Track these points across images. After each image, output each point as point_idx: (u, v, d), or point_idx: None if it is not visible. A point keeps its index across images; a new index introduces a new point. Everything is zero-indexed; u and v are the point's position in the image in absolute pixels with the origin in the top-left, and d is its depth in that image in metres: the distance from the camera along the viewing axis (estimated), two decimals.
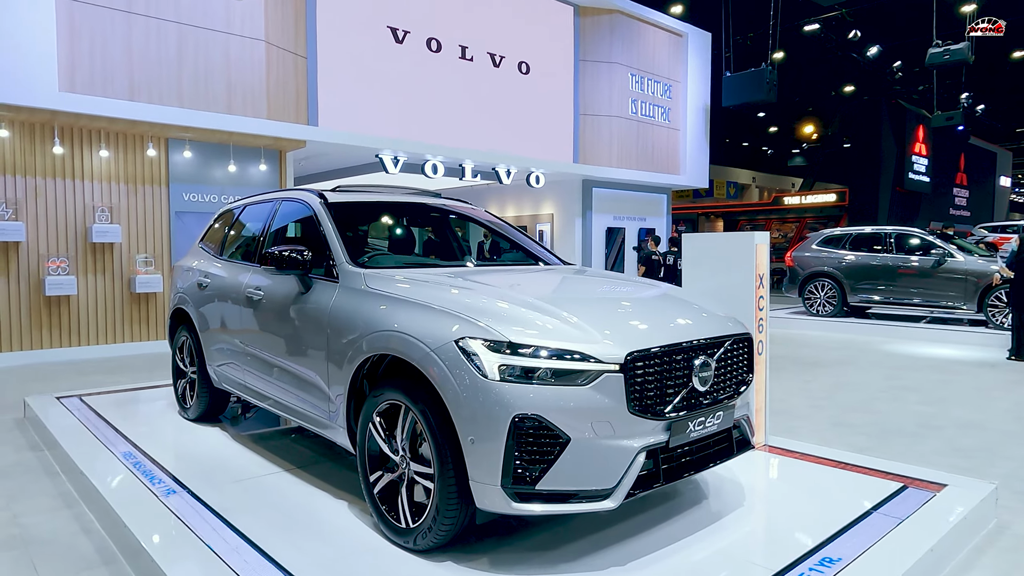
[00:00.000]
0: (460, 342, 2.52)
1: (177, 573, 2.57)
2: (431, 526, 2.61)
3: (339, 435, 3.19)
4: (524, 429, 2.39)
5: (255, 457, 4.05)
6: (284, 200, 4.23)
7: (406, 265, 3.67)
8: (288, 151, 10.29)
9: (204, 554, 2.72)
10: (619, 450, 2.46)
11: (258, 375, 3.87)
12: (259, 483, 3.58)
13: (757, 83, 15.17)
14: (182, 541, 2.87)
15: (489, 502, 2.45)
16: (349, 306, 3.11)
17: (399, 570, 2.62)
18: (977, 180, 30.62)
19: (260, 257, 4.06)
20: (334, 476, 3.68)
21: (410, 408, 2.69)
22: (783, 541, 2.86)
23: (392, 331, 2.77)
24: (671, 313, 2.99)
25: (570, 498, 2.44)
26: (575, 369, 2.44)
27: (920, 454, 4.55)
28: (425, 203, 4.34)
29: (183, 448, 4.26)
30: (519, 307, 2.72)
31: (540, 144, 13.50)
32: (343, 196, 3.98)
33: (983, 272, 10.40)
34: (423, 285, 3.03)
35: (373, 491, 2.94)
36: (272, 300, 3.72)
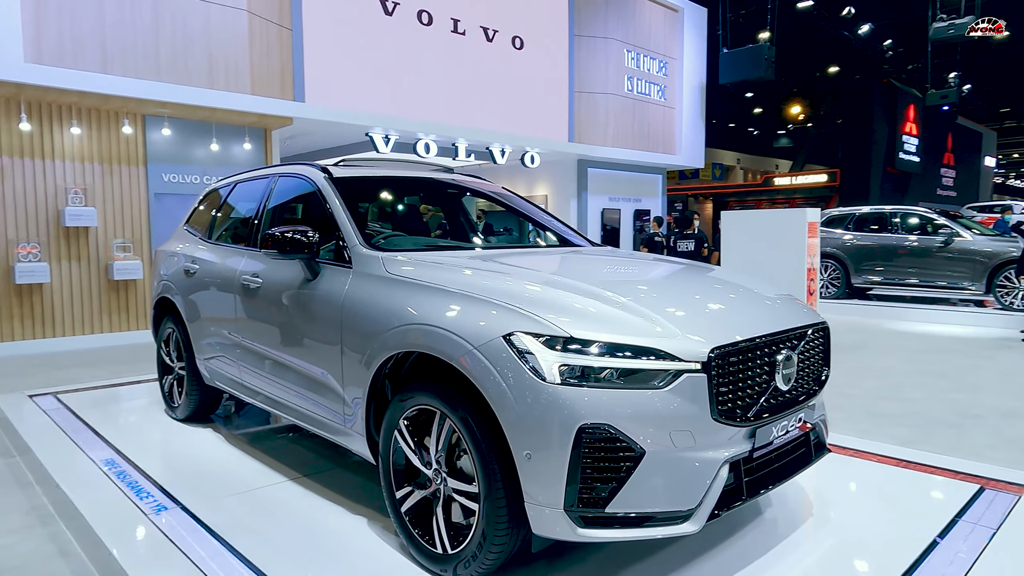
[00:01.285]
0: (510, 338, 2.12)
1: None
2: (476, 554, 2.22)
3: (356, 443, 2.78)
4: (591, 441, 2.00)
5: (254, 464, 3.63)
6: (281, 176, 3.77)
7: (425, 248, 3.24)
8: (273, 129, 9.73)
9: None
10: (701, 463, 2.08)
11: (257, 372, 3.44)
12: (261, 496, 3.16)
13: (755, 60, 14.80)
14: (175, 569, 2.45)
15: (548, 527, 2.07)
16: (367, 295, 2.69)
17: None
18: (963, 160, 30.63)
19: (259, 240, 3.61)
20: (347, 486, 3.27)
21: (447, 415, 2.29)
22: (875, 560, 2.51)
23: (423, 324, 2.36)
24: (743, 300, 2.61)
25: (644, 522, 2.06)
26: (651, 369, 2.05)
27: (971, 447, 4.24)
28: (440, 179, 3.91)
29: (172, 454, 3.83)
30: (575, 295, 2.31)
31: (534, 122, 13.02)
32: (349, 171, 3.53)
33: (992, 252, 10.18)
34: (454, 270, 2.62)
35: (400, 509, 2.54)
36: (272, 288, 3.28)
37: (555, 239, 3.90)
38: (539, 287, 2.39)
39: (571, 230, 3.95)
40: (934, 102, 19.71)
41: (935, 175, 27.85)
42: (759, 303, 2.60)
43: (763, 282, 2.95)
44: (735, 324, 2.30)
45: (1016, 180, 53.52)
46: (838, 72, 26.37)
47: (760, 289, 2.80)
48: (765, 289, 2.82)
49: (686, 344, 2.09)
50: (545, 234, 4.01)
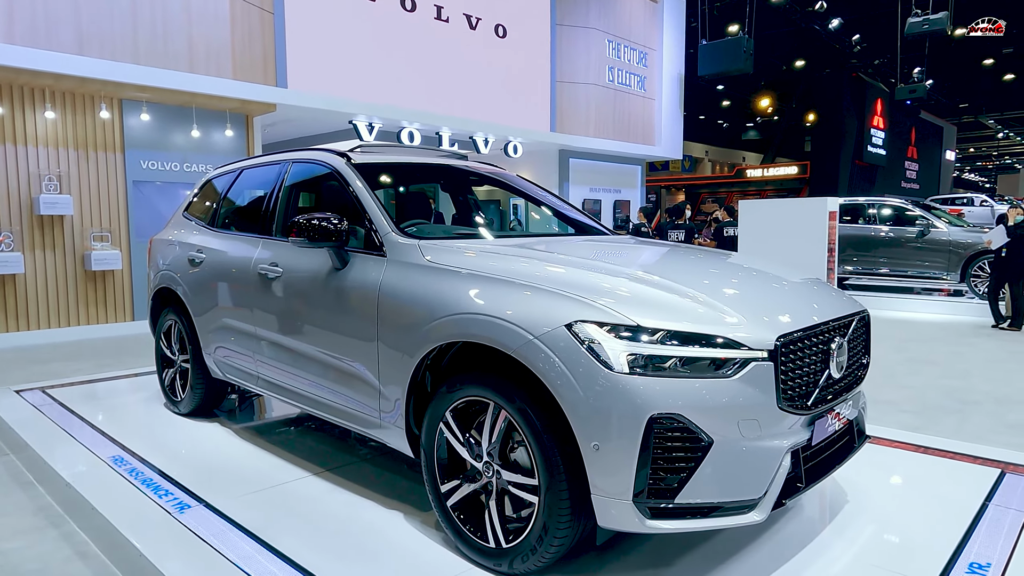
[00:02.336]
0: (574, 327, 2.07)
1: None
2: (535, 547, 2.18)
3: (393, 436, 2.71)
4: (661, 432, 1.97)
5: (271, 458, 3.52)
6: (295, 162, 3.65)
7: (457, 236, 3.16)
8: (256, 115, 9.48)
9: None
10: (766, 452, 2.07)
11: (277, 365, 3.33)
12: (287, 492, 3.07)
13: (734, 52, 14.90)
14: (216, 570, 2.36)
15: (616, 519, 2.03)
16: (407, 284, 2.61)
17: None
18: (926, 154, 31.47)
19: (276, 227, 3.49)
20: (374, 480, 3.20)
21: (502, 407, 2.24)
22: (917, 545, 2.54)
23: (475, 314, 2.29)
24: (790, 288, 2.60)
25: (712, 512, 2.04)
26: (720, 358, 2.02)
27: (975, 433, 4.34)
28: (462, 166, 3.83)
29: (183, 450, 3.69)
30: (634, 283, 2.28)
31: (517, 112, 12.94)
32: (370, 156, 3.44)
33: (967, 243, 10.47)
34: (504, 258, 2.56)
35: (446, 504, 2.48)
36: (295, 278, 3.18)
37: (576, 227, 3.85)
38: (596, 274, 2.35)
39: (591, 218, 3.91)
40: (903, 96, 20.17)
41: (900, 168, 28.56)
42: (805, 291, 2.59)
43: (791, 268, 2.95)
44: (793, 312, 2.29)
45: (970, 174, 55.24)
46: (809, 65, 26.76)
47: (795, 276, 2.80)
48: (797, 275, 2.81)
49: (753, 332, 2.07)
50: (566, 222, 3.96)
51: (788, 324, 2.18)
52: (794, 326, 2.18)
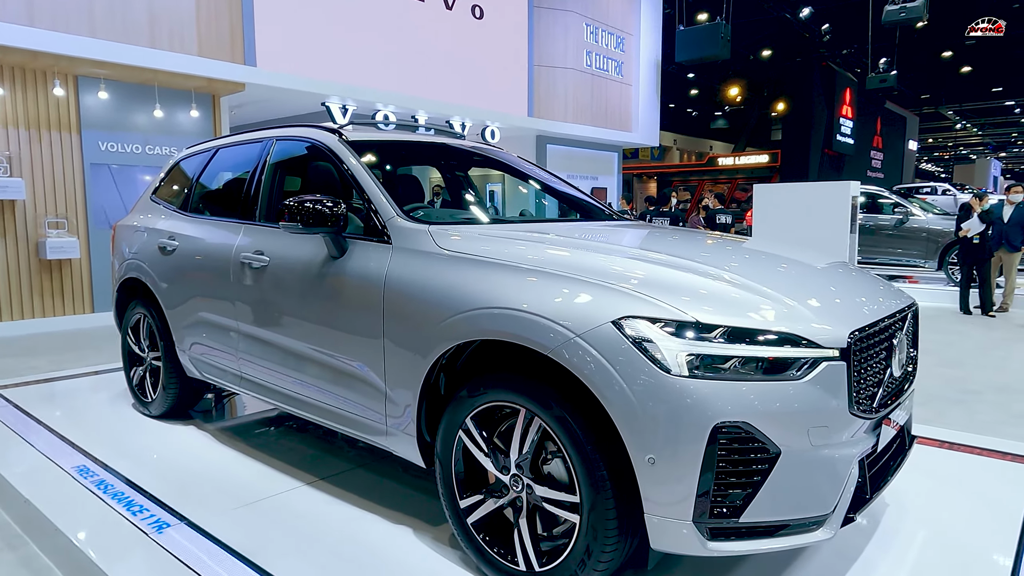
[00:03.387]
0: (622, 323, 1.82)
1: None
2: (576, 572, 1.93)
3: (402, 445, 2.43)
4: (727, 442, 1.74)
5: (257, 466, 3.20)
6: (280, 140, 3.31)
7: (466, 221, 2.87)
8: (223, 95, 8.97)
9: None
10: (836, 462, 1.85)
11: (263, 365, 3.01)
12: (278, 506, 2.76)
13: (711, 38, 14.76)
14: None
15: (672, 541, 1.79)
16: (418, 275, 2.32)
17: None
18: (890, 143, 31.99)
19: (260, 212, 3.16)
20: (374, 491, 2.91)
21: (536, 414, 1.98)
22: (975, 552, 2.36)
23: (504, 309, 2.02)
24: (845, 279, 2.38)
25: (778, 531, 1.82)
26: (789, 357, 1.79)
27: (985, 424, 4.24)
28: (465, 146, 3.53)
29: (157, 458, 3.35)
30: (685, 273, 2.03)
31: (494, 96, 12.60)
32: (364, 134, 3.12)
33: (943, 231, 10.53)
34: (528, 245, 2.28)
35: (465, 520, 2.22)
36: (284, 267, 2.86)
37: (582, 211, 3.59)
38: (638, 263, 2.09)
39: (598, 202, 3.66)
40: (874, 85, 20.33)
41: (866, 157, 28.96)
42: (860, 281, 2.38)
43: (817, 253, 2.74)
44: (855, 305, 2.08)
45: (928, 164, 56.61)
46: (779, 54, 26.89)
47: (825, 262, 2.58)
48: (822, 260, 2.59)
49: (822, 328, 1.85)
50: (571, 206, 3.70)
51: (858, 319, 1.96)
52: (864, 320, 1.96)
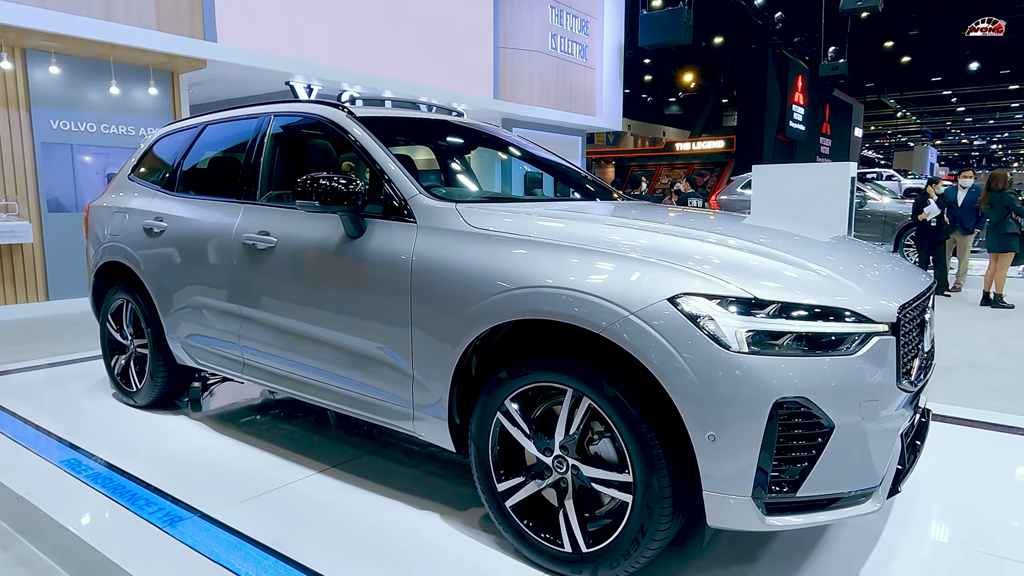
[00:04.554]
0: (679, 300, 1.80)
1: None
2: (628, 551, 1.92)
3: (431, 429, 2.37)
4: (786, 418, 1.75)
5: (260, 454, 3.09)
6: (278, 116, 3.16)
7: (486, 199, 2.81)
8: (182, 72, 8.57)
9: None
10: (884, 435, 1.88)
11: (271, 351, 2.89)
12: (294, 495, 2.67)
13: (674, 23, 14.85)
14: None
15: (730, 517, 1.80)
16: (449, 255, 2.25)
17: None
18: (838, 130, 32.96)
19: (269, 190, 3.02)
20: (394, 476, 2.84)
21: (584, 394, 1.95)
22: (991, 521, 2.45)
23: (551, 288, 1.97)
24: (875, 256, 2.41)
25: (830, 504, 1.84)
26: (844, 332, 1.80)
27: (964, 397, 4.41)
28: (472, 126, 3.45)
29: (151, 449, 3.19)
30: (734, 250, 2.02)
31: (460, 77, 12.41)
32: (373, 111, 3.01)
33: (900, 214, 10.92)
34: (567, 222, 2.24)
35: (504, 504, 2.18)
36: (295, 249, 2.74)
37: (587, 193, 3.55)
38: (686, 240, 2.07)
39: (603, 184, 3.63)
40: (826, 73, 20.88)
41: (816, 143, 29.75)
42: (887, 258, 2.42)
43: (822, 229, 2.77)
44: (896, 281, 2.11)
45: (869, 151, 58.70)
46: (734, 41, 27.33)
47: (863, 245, 2.62)
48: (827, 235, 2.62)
49: (875, 303, 1.86)
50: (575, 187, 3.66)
51: (903, 294, 1.99)
52: (908, 295, 2.00)
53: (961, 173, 9.38)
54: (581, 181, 3.57)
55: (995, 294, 7.79)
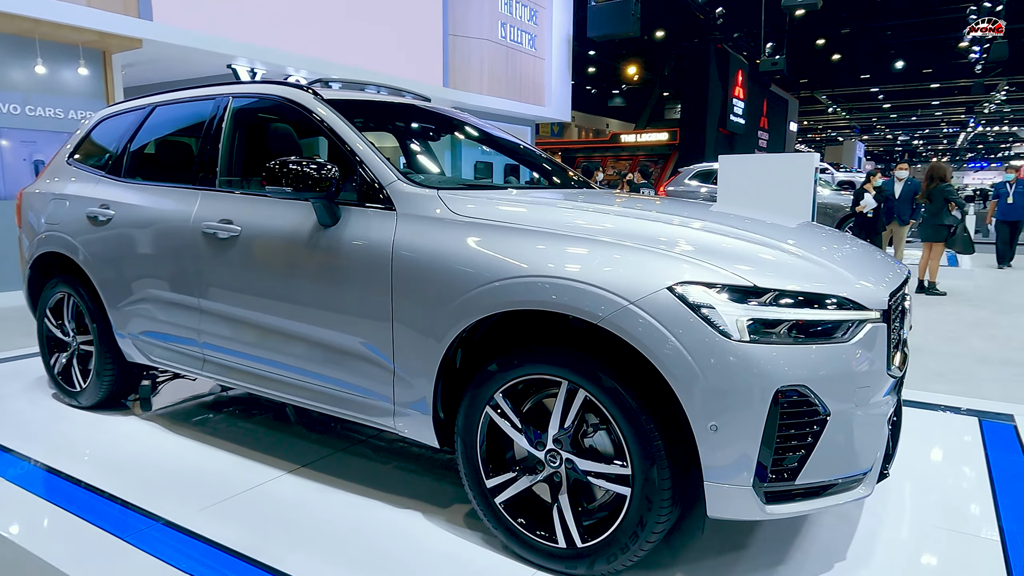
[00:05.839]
0: (678, 289, 1.77)
1: None
2: (627, 544, 1.89)
3: (414, 425, 2.28)
4: (787, 407, 1.74)
5: (223, 455, 2.93)
6: (236, 98, 2.98)
7: (466, 186, 2.71)
8: (115, 52, 8.07)
9: None
10: (874, 421, 1.90)
11: (236, 346, 2.73)
12: (264, 497, 2.54)
13: (622, 15, 14.95)
14: None
15: (731, 508, 1.79)
16: (434, 244, 2.16)
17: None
18: (775, 124, 34.04)
19: (230, 175, 2.85)
20: (368, 475, 2.73)
21: (580, 386, 1.90)
22: (958, 500, 2.54)
23: (545, 277, 1.91)
24: (852, 243, 2.44)
25: (825, 491, 1.86)
26: (840, 320, 1.81)
27: (916, 380, 4.57)
28: (446, 112, 3.35)
29: (101, 453, 2.98)
30: (729, 239, 2.00)
31: (409, 64, 12.17)
32: (339, 94, 2.88)
33: (838, 205, 11.33)
34: (557, 210, 2.18)
35: (493, 500, 2.12)
36: (262, 239, 2.59)
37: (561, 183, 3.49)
38: (681, 228, 2.04)
39: (574, 173, 3.58)
40: (767, 68, 21.47)
41: (754, 137, 30.65)
42: (863, 246, 2.46)
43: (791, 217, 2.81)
44: (882, 269, 2.14)
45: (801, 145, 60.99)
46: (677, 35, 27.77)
47: (805, 224, 2.65)
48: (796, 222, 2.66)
49: (866, 291, 1.88)
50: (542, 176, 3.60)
51: (891, 281, 2.02)
52: (895, 283, 2.03)
53: (897, 166, 9.79)
54: (555, 171, 3.52)
55: (929, 282, 8.16)
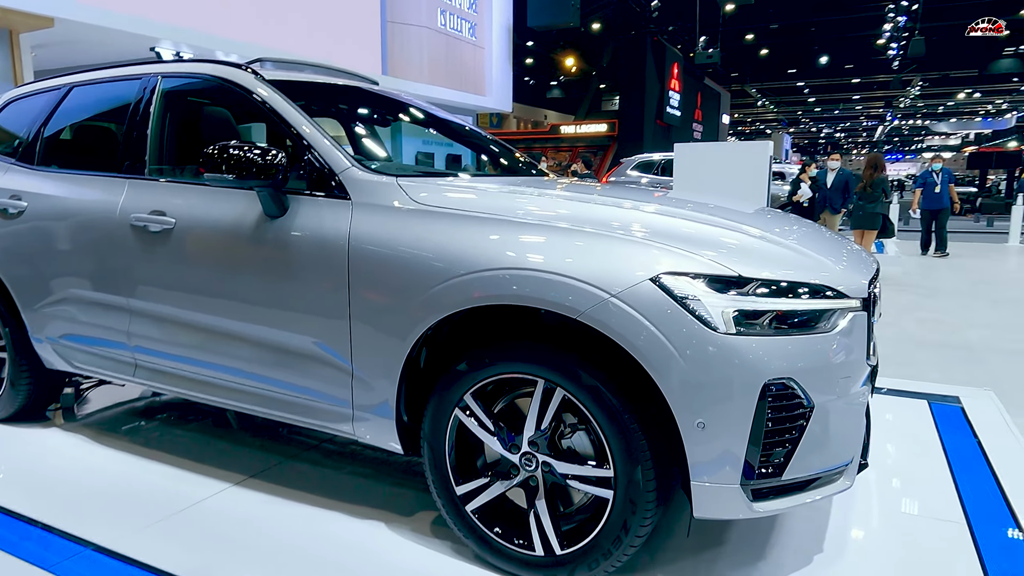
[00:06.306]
0: (662, 280, 1.68)
1: None
2: (610, 549, 1.80)
3: (376, 431, 2.12)
4: (774, 400, 1.68)
5: (159, 467, 2.69)
6: (168, 77, 2.73)
7: (426, 174, 2.54)
8: (23, 31, 7.45)
9: None
10: (854, 411, 1.87)
11: (172, 349, 2.50)
12: (209, 513, 2.32)
13: (562, 5, 14.95)
14: None
15: (719, 507, 1.72)
16: (394, 235, 2.00)
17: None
18: (708, 117, 34.90)
19: (162, 163, 2.60)
20: (322, 484, 2.55)
21: (559, 386, 1.79)
22: (921, 484, 2.57)
23: (519, 270, 1.79)
24: (821, 234, 2.41)
25: (808, 485, 1.81)
26: (824, 309, 1.76)
27: None
28: (397, 97, 3.17)
29: (21, 471, 2.69)
30: (704, 225, 1.92)
31: (347, 52, 11.80)
32: (285, 74, 2.67)
33: (775, 195, 11.64)
34: (528, 198, 2.06)
35: (464, 508, 1.99)
36: (201, 231, 2.36)
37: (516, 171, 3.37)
38: (657, 217, 1.95)
39: (533, 162, 3.46)
40: (702, 61, 21.92)
41: (689, 129, 31.32)
42: (832, 235, 2.44)
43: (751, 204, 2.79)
44: (858, 257, 2.11)
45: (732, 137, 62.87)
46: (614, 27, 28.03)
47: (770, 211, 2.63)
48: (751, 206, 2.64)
49: (847, 279, 1.84)
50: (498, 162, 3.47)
51: (867, 269, 1.99)
52: (871, 271, 2.00)
53: (830, 156, 10.12)
54: (511, 159, 3.39)
55: None
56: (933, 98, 41.63)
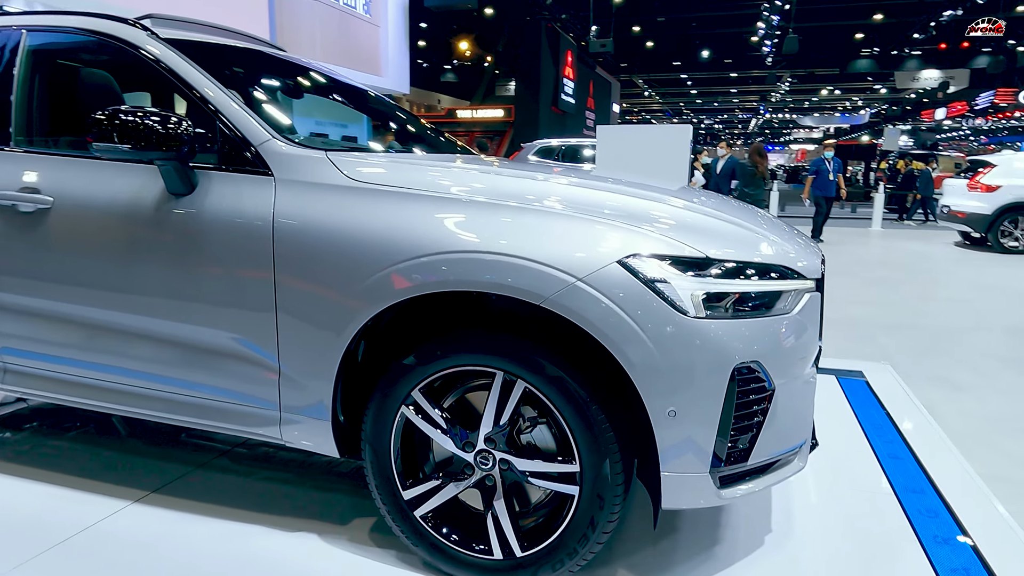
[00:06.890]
0: (629, 262, 1.58)
1: None
2: (575, 548, 1.70)
3: (310, 434, 1.90)
4: (741, 385, 1.64)
5: (38, 487, 2.31)
6: (34, 31, 2.32)
7: (348, 148, 2.30)
8: None
9: None
10: (807, 392, 1.88)
11: (56, 350, 2.13)
12: (102, 538, 2.01)
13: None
14: None
15: (688, 497, 1.66)
16: (327, 215, 1.78)
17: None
18: (601, 105, 35.75)
19: (32, 131, 2.20)
20: (239, 494, 2.28)
21: (519, 378, 1.66)
22: (849, 458, 2.66)
23: (476, 253, 1.63)
24: (765, 216, 2.41)
25: (767, 469, 1.79)
26: (786, 291, 1.73)
27: None
28: (300, 62, 2.87)
29: None
30: (665, 205, 1.85)
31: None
32: (182, 34, 2.34)
33: None
34: (475, 174, 1.90)
35: (412, 514, 1.82)
36: (86, 211, 2.02)
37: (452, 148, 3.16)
38: (617, 196, 1.85)
39: (450, 140, 3.29)
40: (595, 50, 22.34)
41: (583, 117, 31.95)
42: (773, 218, 2.45)
43: None
44: (800, 238, 2.11)
45: None
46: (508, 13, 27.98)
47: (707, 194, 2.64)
48: None
49: (804, 259, 1.83)
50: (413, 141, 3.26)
51: (816, 251, 1.99)
52: (820, 252, 2.01)
53: (718, 144, 10.60)
54: (436, 139, 3.19)
55: None
56: (800, 94, 44.94)
